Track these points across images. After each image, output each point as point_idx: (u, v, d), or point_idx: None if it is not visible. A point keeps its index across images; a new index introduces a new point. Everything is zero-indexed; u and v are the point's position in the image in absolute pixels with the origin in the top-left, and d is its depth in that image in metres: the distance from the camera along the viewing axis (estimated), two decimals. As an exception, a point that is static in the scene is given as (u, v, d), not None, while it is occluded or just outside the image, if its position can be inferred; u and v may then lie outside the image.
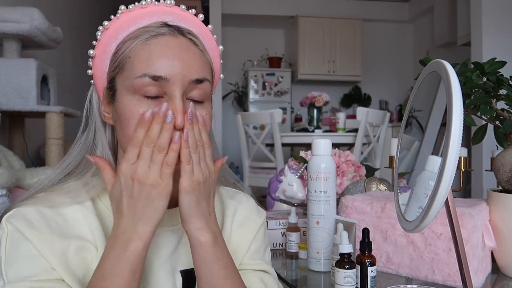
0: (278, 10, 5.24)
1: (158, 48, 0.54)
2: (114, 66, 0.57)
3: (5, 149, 1.72)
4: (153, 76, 0.53)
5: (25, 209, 0.54)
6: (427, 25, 5.33)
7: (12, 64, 1.90)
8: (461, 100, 0.41)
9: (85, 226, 0.56)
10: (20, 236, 0.51)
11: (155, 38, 0.55)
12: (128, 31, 0.56)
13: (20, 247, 0.51)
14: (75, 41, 3.67)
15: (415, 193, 0.53)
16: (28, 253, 0.51)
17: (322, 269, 0.84)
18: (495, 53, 1.16)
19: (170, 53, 0.54)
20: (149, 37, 0.55)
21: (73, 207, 0.57)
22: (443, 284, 0.76)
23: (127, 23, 0.56)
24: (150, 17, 0.56)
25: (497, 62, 0.81)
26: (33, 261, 0.51)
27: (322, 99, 3.12)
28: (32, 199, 0.56)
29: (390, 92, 5.74)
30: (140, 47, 0.54)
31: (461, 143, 0.40)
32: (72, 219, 0.56)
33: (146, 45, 0.54)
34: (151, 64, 0.53)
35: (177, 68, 0.53)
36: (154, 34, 0.55)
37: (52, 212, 0.55)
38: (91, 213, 0.57)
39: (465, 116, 0.80)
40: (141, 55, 0.54)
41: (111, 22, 0.57)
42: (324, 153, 0.86)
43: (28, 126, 2.38)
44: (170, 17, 0.57)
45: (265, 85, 5.28)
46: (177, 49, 0.54)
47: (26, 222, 0.52)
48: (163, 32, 0.55)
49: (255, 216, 0.70)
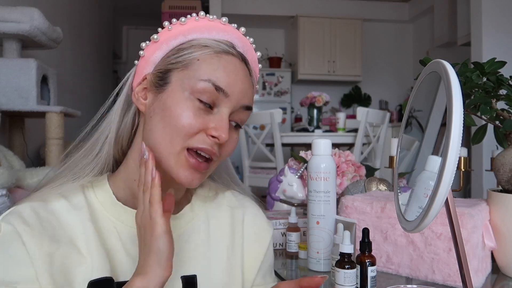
0: (278, 10, 5.24)
1: (228, 65, 0.57)
2: (176, 60, 0.57)
3: (5, 149, 1.71)
4: (216, 85, 0.55)
5: (20, 207, 0.54)
6: (427, 25, 5.33)
7: (12, 64, 1.90)
8: (461, 100, 0.41)
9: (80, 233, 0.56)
10: (13, 234, 0.52)
11: (226, 55, 0.58)
12: (199, 35, 0.58)
13: (10, 249, 0.51)
14: (75, 41, 3.67)
15: (415, 193, 0.53)
16: (17, 257, 0.51)
17: (322, 269, 0.84)
18: (495, 53, 1.16)
19: (236, 74, 0.58)
20: (221, 51, 0.58)
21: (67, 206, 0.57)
22: (443, 284, 0.76)
23: (203, 28, 0.59)
24: (224, 33, 0.60)
25: (497, 62, 0.80)
26: (19, 267, 0.51)
27: (322, 99, 3.12)
28: (29, 198, 0.57)
29: (390, 92, 5.74)
30: (211, 56, 0.57)
31: (461, 143, 0.40)
32: (66, 220, 0.56)
33: (217, 57, 0.57)
34: (219, 75, 0.56)
35: (238, 89, 0.57)
36: (226, 51, 0.58)
37: (45, 212, 0.55)
38: (86, 218, 0.57)
39: (465, 116, 0.80)
40: (211, 63, 0.56)
41: (188, 20, 0.59)
42: (324, 153, 0.85)
43: (28, 126, 2.38)
44: (240, 44, 0.61)
45: (265, 85, 5.28)
46: (241, 74, 0.58)
47: (20, 219, 0.53)
48: (234, 53, 0.59)
49: (266, 226, 0.71)
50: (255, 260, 0.67)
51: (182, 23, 0.59)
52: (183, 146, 0.55)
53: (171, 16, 4.48)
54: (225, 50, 0.58)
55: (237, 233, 0.67)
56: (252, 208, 0.71)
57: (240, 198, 0.71)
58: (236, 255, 0.66)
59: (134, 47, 6.44)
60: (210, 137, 0.56)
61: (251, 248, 0.67)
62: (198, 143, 0.55)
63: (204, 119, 0.56)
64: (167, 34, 0.59)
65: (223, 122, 0.56)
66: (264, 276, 0.69)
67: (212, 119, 0.56)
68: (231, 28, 0.61)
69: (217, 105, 0.57)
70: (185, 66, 0.57)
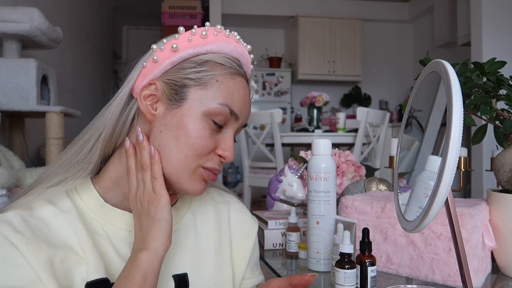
0: (278, 10, 5.24)
1: (241, 88, 0.60)
2: (195, 77, 0.58)
3: (5, 149, 1.71)
4: (232, 110, 0.59)
5: (7, 215, 0.53)
6: (427, 25, 5.33)
7: (12, 64, 1.90)
8: (461, 100, 0.41)
9: (72, 236, 0.55)
10: (6, 243, 0.50)
11: (238, 76, 0.61)
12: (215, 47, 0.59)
13: (5, 255, 0.50)
14: (75, 41, 3.67)
15: (415, 193, 0.53)
16: (14, 261, 0.50)
17: (322, 269, 0.84)
18: (495, 53, 1.16)
19: (245, 97, 0.61)
20: (235, 72, 0.60)
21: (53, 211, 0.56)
22: (443, 284, 0.76)
23: (220, 43, 0.59)
24: (236, 52, 0.61)
25: (497, 62, 0.80)
26: (19, 270, 0.50)
27: (322, 99, 3.12)
28: (12, 205, 0.56)
29: (390, 92, 5.74)
30: (228, 78, 0.59)
31: (461, 143, 0.40)
32: (55, 225, 0.55)
33: (233, 79, 0.59)
34: (235, 101, 0.59)
35: (246, 112, 0.62)
36: (238, 72, 0.61)
37: (34, 220, 0.54)
38: (77, 220, 0.56)
39: (465, 116, 0.80)
40: (228, 87, 0.59)
41: (209, 32, 0.59)
42: (324, 153, 0.86)
43: (28, 126, 2.38)
44: (244, 61, 0.63)
45: (265, 85, 5.29)
46: (248, 96, 0.62)
47: (10, 227, 0.51)
48: (242, 73, 0.62)
49: (251, 220, 0.73)
50: (243, 255, 0.69)
51: (203, 37, 0.58)
52: (198, 164, 0.58)
53: (171, 16, 4.48)
54: (237, 70, 0.61)
55: (224, 229, 0.68)
56: (236, 204, 0.73)
57: (223, 195, 0.73)
58: (224, 250, 0.67)
59: (134, 47, 6.43)
60: (217, 156, 0.60)
61: (239, 243, 0.69)
62: (210, 164, 0.59)
63: (215, 139, 0.59)
64: (186, 44, 0.58)
65: (231, 143, 0.60)
66: (252, 269, 0.71)
67: (221, 139, 0.60)
68: (241, 46, 0.63)
69: (225, 126, 0.60)
70: (203, 84, 0.58)
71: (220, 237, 0.67)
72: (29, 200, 0.56)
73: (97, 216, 0.59)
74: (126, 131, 0.60)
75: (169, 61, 0.58)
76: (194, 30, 0.59)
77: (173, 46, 0.57)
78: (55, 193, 0.57)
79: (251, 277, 0.70)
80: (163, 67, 0.58)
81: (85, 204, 0.59)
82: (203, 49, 0.59)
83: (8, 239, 0.50)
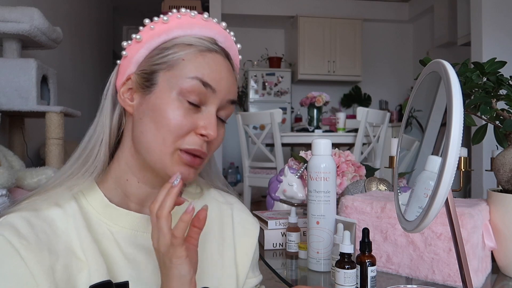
0: (278, 10, 5.25)
1: (213, 63, 0.58)
2: (161, 61, 0.57)
3: (5, 149, 1.71)
4: (204, 81, 0.56)
5: (11, 217, 0.52)
6: (427, 25, 5.33)
7: (12, 64, 1.90)
8: (461, 100, 0.41)
9: (75, 239, 0.55)
10: (9, 248, 0.49)
11: (210, 52, 0.58)
12: (182, 32, 0.59)
13: (7, 261, 0.49)
14: (75, 41, 3.67)
15: (415, 193, 0.53)
16: (15, 269, 0.49)
17: (322, 269, 0.84)
18: (495, 53, 1.16)
19: (221, 71, 0.58)
20: (205, 49, 0.58)
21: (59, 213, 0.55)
22: (443, 284, 0.76)
23: (185, 26, 0.59)
24: (206, 29, 0.60)
25: (497, 62, 0.80)
26: (19, 279, 0.48)
27: (322, 99, 3.12)
28: (18, 206, 0.55)
29: (390, 92, 5.74)
30: (196, 55, 0.57)
31: (461, 143, 0.40)
32: (60, 228, 0.54)
33: (202, 56, 0.58)
34: (206, 72, 0.57)
35: (224, 85, 0.58)
36: (210, 48, 0.59)
37: (38, 220, 0.53)
38: (80, 224, 0.56)
39: (465, 116, 0.80)
40: (196, 62, 0.57)
41: (171, 17, 0.59)
42: (324, 153, 0.85)
43: (28, 126, 2.38)
44: (222, 39, 0.61)
45: (265, 85, 5.28)
46: (225, 70, 0.59)
47: (13, 231, 0.50)
48: (217, 50, 0.59)
49: (253, 220, 0.73)
50: (246, 255, 0.69)
51: (165, 22, 0.59)
52: (175, 147, 0.56)
53: (171, 16, 4.47)
54: (209, 47, 0.58)
55: (227, 228, 0.68)
56: (238, 204, 0.73)
57: (224, 195, 0.73)
58: (228, 250, 0.67)
59: (134, 47, 6.42)
60: (199, 135, 0.57)
61: (242, 242, 0.69)
62: (189, 145, 0.56)
63: (193, 118, 0.56)
64: (150, 33, 0.59)
65: (212, 119, 0.57)
66: (253, 269, 0.71)
67: (200, 117, 0.57)
68: (213, 23, 0.61)
69: (204, 103, 0.57)
70: (170, 66, 0.57)
71: (224, 237, 0.67)
72: (36, 201, 0.56)
73: (102, 216, 0.59)
74: (116, 131, 0.62)
75: (138, 54, 0.59)
76: (157, 18, 0.60)
77: (136, 38, 0.59)
78: (61, 195, 0.57)
79: (252, 276, 0.71)
80: (135, 60, 0.60)
81: (91, 205, 0.59)
82: (169, 36, 0.59)
83: (12, 244, 0.49)
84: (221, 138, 0.61)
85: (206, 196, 0.70)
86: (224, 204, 0.71)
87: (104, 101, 0.62)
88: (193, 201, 0.67)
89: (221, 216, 0.69)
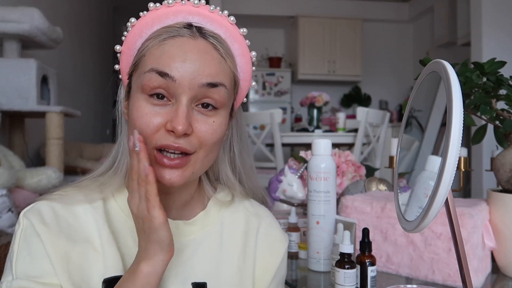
0: (278, 10, 5.24)
1: (172, 48, 0.53)
2: (133, 63, 0.57)
3: (5, 149, 1.71)
4: (160, 71, 0.52)
5: (40, 205, 0.55)
6: (427, 25, 5.33)
7: (12, 64, 1.90)
8: (461, 100, 0.41)
9: (95, 231, 0.56)
10: (32, 231, 0.53)
11: (172, 38, 0.53)
12: (152, 29, 0.56)
13: (31, 244, 0.52)
14: (75, 41, 3.67)
15: (415, 193, 0.53)
16: (37, 252, 0.52)
17: (322, 269, 0.84)
18: (495, 53, 1.16)
19: (183, 55, 0.52)
20: (167, 37, 0.54)
21: (84, 206, 0.57)
22: (443, 284, 0.76)
23: (151, 22, 0.56)
24: (175, 16, 0.55)
25: (497, 62, 0.80)
26: (40, 261, 0.52)
27: (322, 99, 3.12)
28: (51, 196, 0.57)
29: (390, 92, 5.74)
30: (156, 46, 0.54)
31: (461, 143, 0.40)
32: (84, 220, 0.56)
33: (162, 44, 0.53)
34: (161, 61, 0.52)
35: (187, 70, 0.52)
36: (172, 34, 0.54)
37: (65, 211, 0.56)
38: (101, 217, 0.57)
39: (465, 116, 0.80)
40: (153, 54, 0.53)
41: (139, 19, 0.57)
42: (324, 153, 0.85)
43: (28, 126, 2.38)
44: (196, 17, 0.56)
45: (265, 85, 5.29)
46: (193, 51, 0.53)
47: (39, 217, 0.53)
48: (182, 33, 0.54)
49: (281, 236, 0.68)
50: (267, 271, 0.65)
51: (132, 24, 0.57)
52: (150, 147, 0.53)
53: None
54: (171, 34, 0.54)
55: (251, 241, 0.65)
56: (268, 218, 0.68)
57: (256, 207, 0.69)
58: (248, 263, 0.63)
59: (134, 47, 6.41)
60: (168, 131, 0.52)
61: (263, 258, 0.65)
62: (159, 141, 0.52)
63: (162, 114, 0.52)
64: (126, 41, 0.58)
65: (178, 112, 0.51)
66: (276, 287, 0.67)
67: (168, 112, 0.52)
68: (186, 6, 0.56)
69: (173, 95, 0.52)
70: (137, 66, 0.56)
71: (246, 248, 0.64)
72: (68, 193, 0.58)
73: (125, 215, 0.59)
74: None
75: (124, 64, 0.59)
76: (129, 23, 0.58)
77: (116, 49, 0.59)
78: (92, 192, 0.58)
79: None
80: (124, 72, 0.60)
81: (117, 203, 0.59)
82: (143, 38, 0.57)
83: (35, 228, 0.53)
84: (211, 128, 0.54)
85: (237, 205, 0.66)
86: (253, 217, 0.67)
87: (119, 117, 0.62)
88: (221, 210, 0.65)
89: (247, 229, 0.65)
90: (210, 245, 0.62)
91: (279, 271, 0.66)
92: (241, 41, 0.59)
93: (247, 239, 0.65)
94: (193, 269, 0.60)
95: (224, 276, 0.61)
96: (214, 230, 0.63)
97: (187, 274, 0.59)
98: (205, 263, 0.61)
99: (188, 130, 0.51)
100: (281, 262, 0.66)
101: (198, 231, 0.62)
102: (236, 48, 0.59)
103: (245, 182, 0.69)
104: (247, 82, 0.62)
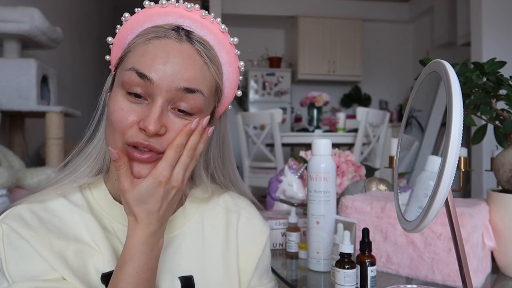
0: (278, 10, 5.24)
1: (155, 49, 0.53)
2: (120, 57, 0.57)
3: (5, 149, 1.71)
4: (139, 72, 0.52)
5: (19, 209, 0.54)
6: (427, 25, 5.33)
7: (12, 64, 1.90)
8: (461, 100, 0.41)
9: (83, 229, 0.56)
10: (16, 236, 0.52)
11: (158, 39, 0.54)
12: (143, 26, 0.56)
13: (20, 248, 0.52)
14: (75, 41, 3.67)
15: (415, 193, 0.53)
16: (28, 254, 0.52)
17: (322, 269, 0.84)
18: (495, 53, 1.16)
19: (165, 57, 0.52)
20: (154, 37, 0.54)
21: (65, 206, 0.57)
22: (443, 284, 0.76)
23: (143, 19, 0.56)
24: (166, 17, 0.56)
25: (497, 62, 0.80)
26: (35, 262, 0.52)
27: (322, 99, 3.12)
28: (24, 199, 0.57)
29: (390, 92, 5.74)
30: (142, 44, 0.54)
31: (461, 143, 0.40)
32: (67, 219, 0.56)
33: (147, 44, 0.54)
34: (142, 61, 0.52)
35: (166, 73, 0.52)
36: (159, 35, 0.54)
37: (46, 214, 0.55)
38: (87, 213, 0.57)
39: (465, 116, 0.80)
40: (138, 51, 0.54)
41: (133, 15, 0.58)
42: (324, 153, 0.86)
43: (28, 126, 2.38)
44: (187, 21, 0.56)
45: (265, 85, 5.28)
46: (175, 55, 0.53)
47: (21, 222, 0.53)
48: (168, 35, 0.54)
49: (262, 226, 0.69)
50: (250, 261, 0.66)
51: (124, 21, 0.58)
52: (122, 141, 0.53)
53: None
54: (157, 35, 0.54)
55: (232, 234, 0.66)
56: (248, 209, 0.70)
57: (235, 198, 0.70)
58: (231, 256, 0.65)
59: (134, 47, 6.42)
60: (140, 129, 0.52)
61: (245, 249, 0.67)
62: (130, 138, 0.53)
63: (137, 111, 0.53)
64: (118, 35, 0.59)
65: (151, 113, 0.51)
66: (261, 277, 0.68)
67: (144, 111, 0.53)
68: (179, 8, 0.56)
69: (150, 95, 0.53)
70: (122, 61, 0.56)
71: (228, 242, 0.66)
72: (42, 193, 0.57)
73: (106, 212, 0.60)
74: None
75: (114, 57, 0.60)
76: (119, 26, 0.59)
77: (108, 40, 0.60)
78: (68, 188, 0.58)
79: (258, 284, 0.67)
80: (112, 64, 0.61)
81: (96, 200, 0.60)
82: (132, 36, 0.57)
83: (21, 235, 0.52)
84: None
85: (215, 200, 0.68)
86: (232, 206, 0.68)
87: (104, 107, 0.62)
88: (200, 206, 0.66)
89: (227, 223, 0.67)
90: (192, 240, 0.63)
91: (262, 260, 0.68)
92: (229, 50, 0.59)
93: (228, 231, 0.66)
94: (180, 265, 0.61)
95: (211, 269, 0.63)
96: (195, 225, 0.65)
97: (174, 270, 0.60)
98: (190, 258, 0.62)
99: (160, 130, 0.52)
100: (263, 251, 0.68)
101: (179, 227, 0.63)
102: (223, 56, 0.58)
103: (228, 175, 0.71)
104: (232, 90, 0.62)
